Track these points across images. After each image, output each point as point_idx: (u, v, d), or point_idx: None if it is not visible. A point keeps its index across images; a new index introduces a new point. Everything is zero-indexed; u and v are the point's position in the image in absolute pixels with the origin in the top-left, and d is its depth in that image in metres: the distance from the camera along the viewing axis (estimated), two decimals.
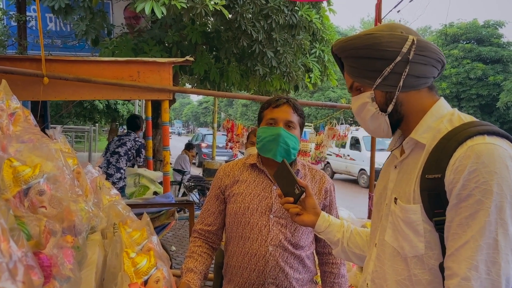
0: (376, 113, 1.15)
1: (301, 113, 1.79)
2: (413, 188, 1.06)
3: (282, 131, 1.70)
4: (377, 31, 1.12)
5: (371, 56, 1.11)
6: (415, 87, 1.12)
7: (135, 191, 4.64)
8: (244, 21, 4.73)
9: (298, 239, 1.72)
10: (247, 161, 1.83)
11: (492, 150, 0.93)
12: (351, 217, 2.92)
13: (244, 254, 1.70)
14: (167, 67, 3.90)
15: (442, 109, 1.11)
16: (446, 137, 1.02)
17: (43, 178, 0.90)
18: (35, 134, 1.16)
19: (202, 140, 19.93)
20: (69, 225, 0.98)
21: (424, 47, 1.09)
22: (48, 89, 3.53)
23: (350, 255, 1.42)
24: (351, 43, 1.15)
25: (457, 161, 0.95)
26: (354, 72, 1.17)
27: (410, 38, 1.08)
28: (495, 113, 22.99)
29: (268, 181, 1.77)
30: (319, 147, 5.94)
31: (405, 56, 1.08)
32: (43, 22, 7.97)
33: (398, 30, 1.11)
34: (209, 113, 47.98)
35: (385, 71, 1.10)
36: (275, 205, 1.71)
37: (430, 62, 1.10)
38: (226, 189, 1.80)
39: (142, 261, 1.06)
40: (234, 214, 1.74)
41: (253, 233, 1.69)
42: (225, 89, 6.56)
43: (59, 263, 0.79)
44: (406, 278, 1.08)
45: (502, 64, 23.36)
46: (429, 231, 1.02)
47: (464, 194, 0.93)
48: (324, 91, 27.00)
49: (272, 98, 1.80)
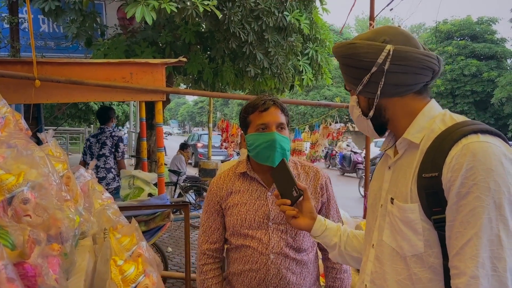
0: (360, 116, 1.21)
1: (287, 112, 1.77)
2: (410, 188, 1.06)
3: (277, 136, 1.65)
4: (358, 40, 1.15)
5: (352, 64, 1.15)
6: (397, 94, 1.13)
7: (130, 193, 4.61)
8: (232, 24, 4.72)
9: (300, 243, 1.70)
10: (237, 170, 1.79)
11: (487, 148, 0.94)
12: (345, 217, 2.92)
13: (245, 262, 1.68)
14: (160, 68, 3.88)
15: (433, 110, 1.13)
16: (440, 136, 1.03)
17: (27, 186, 0.89)
18: (21, 139, 1.14)
19: (198, 140, 19.88)
20: (55, 232, 0.96)
21: (404, 57, 1.08)
22: (40, 91, 3.50)
23: (347, 259, 1.42)
24: (338, 50, 1.19)
25: (454, 159, 0.96)
26: (344, 76, 1.22)
27: (386, 48, 1.08)
28: (490, 109, 23.12)
29: (262, 188, 1.74)
30: (314, 146, 5.94)
31: (381, 67, 1.09)
32: (36, 23, 7.93)
33: (381, 38, 1.12)
34: (205, 112, 47.94)
35: (364, 80, 1.13)
36: (273, 212, 1.68)
37: (411, 70, 1.09)
38: (222, 201, 1.76)
39: (129, 269, 1.04)
40: (233, 227, 1.71)
41: (253, 243, 1.67)
42: (220, 88, 6.54)
43: (43, 273, 0.77)
44: (406, 278, 1.08)
45: (496, 60, 23.49)
46: (428, 230, 1.03)
47: (463, 192, 0.94)
48: (319, 89, 27.04)
49: (255, 101, 1.72)
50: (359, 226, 2.73)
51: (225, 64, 5.72)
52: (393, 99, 1.14)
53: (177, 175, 8.47)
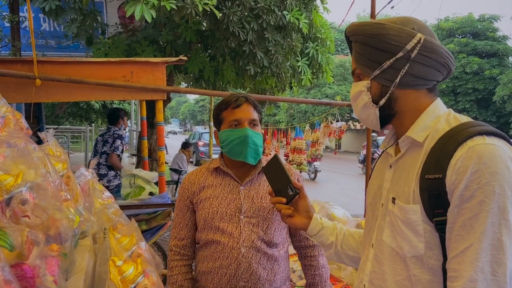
0: (369, 103, 1.15)
1: (260, 110, 1.78)
2: (412, 188, 1.05)
3: (249, 132, 1.67)
4: (389, 22, 1.10)
5: (375, 45, 1.10)
6: (413, 86, 1.10)
7: (131, 191, 4.62)
8: (231, 23, 4.72)
9: (271, 236, 1.70)
10: (210, 165, 1.80)
11: (493, 150, 0.93)
12: (346, 216, 2.91)
13: (215, 259, 1.67)
14: (161, 67, 3.88)
15: (438, 109, 1.11)
16: (444, 137, 1.02)
17: (26, 187, 0.88)
18: (20, 139, 1.14)
19: (199, 139, 19.89)
20: (54, 233, 0.96)
21: (431, 48, 1.06)
22: (41, 90, 3.50)
23: (343, 258, 1.40)
24: (362, 28, 1.13)
25: (459, 161, 0.95)
26: (358, 58, 1.16)
27: (417, 36, 1.05)
28: (492, 107, 23.04)
29: (235, 183, 1.74)
30: (315, 145, 5.92)
31: (408, 54, 1.06)
32: (36, 22, 7.93)
33: (411, 25, 1.08)
34: (206, 111, 47.91)
35: (385, 64, 1.09)
36: (245, 205, 1.69)
37: (434, 65, 1.08)
38: (194, 196, 1.76)
39: (129, 269, 1.04)
40: (204, 220, 1.71)
41: (224, 237, 1.66)
42: (221, 87, 6.53)
43: (41, 274, 0.77)
44: (405, 278, 1.07)
45: (498, 58, 23.40)
46: (429, 231, 1.02)
47: (466, 195, 0.93)
48: (321, 88, 26.98)
49: (228, 98, 1.74)
50: (359, 225, 2.73)
51: (226, 63, 5.72)
52: (406, 91, 1.11)
53: (178, 174, 8.48)
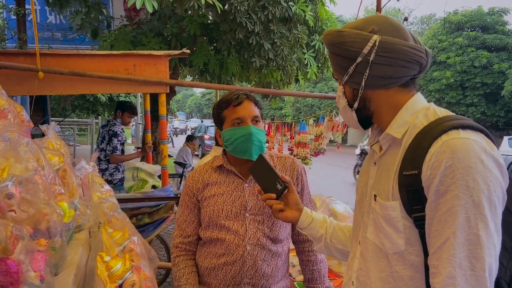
0: (346, 107, 1.19)
1: (260, 105, 1.77)
2: (391, 185, 1.05)
3: (253, 129, 1.66)
4: (346, 29, 1.12)
5: (338, 53, 1.13)
6: (383, 86, 1.11)
7: (134, 185, 4.64)
8: (238, 14, 4.68)
9: (276, 233, 1.70)
10: (214, 164, 1.79)
11: (466, 144, 0.92)
12: (347, 211, 2.90)
13: (220, 256, 1.67)
14: (164, 59, 3.87)
15: (417, 104, 1.11)
16: (421, 132, 1.02)
17: (12, 181, 0.88)
18: (13, 133, 1.14)
19: (205, 132, 19.90)
20: (43, 227, 0.95)
21: (389, 48, 1.05)
22: (44, 83, 3.50)
23: (333, 251, 1.42)
24: (325, 37, 1.17)
25: (433, 156, 0.95)
26: (332, 65, 1.20)
27: (372, 38, 1.06)
28: (500, 101, 22.77)
29: (239, 180, 1.74)
30: (318, 139, 5.90)
31: (366, 57, 1.07)
32: (43, 15, 7.94)
33: (370, 27, 1.09)
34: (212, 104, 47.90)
35: (350, 70, 1.11)
36: (250, 203, 1.69)
37: (397, 63, 1.07)
38: (198, 194, 1.76)
39: (116, 265, 1.03)
40: (209, 217, 1.70)
41: (230, 234, 1.66)
42: (226, 80, 6.51)
43: (24, 270, 0.77)
44: (389, 275, 1.08)
45: (507, 52, 23.06)
46: (409, 227, 1.02)
47: (441, 190, 0.92)
48: (327, 81, 26.87)
49: (228, 96, 1.73)
50: None
51: (231, 56, 5.69)
52: (378, 91, 1.12)
53: (182, 167, 8.48)
